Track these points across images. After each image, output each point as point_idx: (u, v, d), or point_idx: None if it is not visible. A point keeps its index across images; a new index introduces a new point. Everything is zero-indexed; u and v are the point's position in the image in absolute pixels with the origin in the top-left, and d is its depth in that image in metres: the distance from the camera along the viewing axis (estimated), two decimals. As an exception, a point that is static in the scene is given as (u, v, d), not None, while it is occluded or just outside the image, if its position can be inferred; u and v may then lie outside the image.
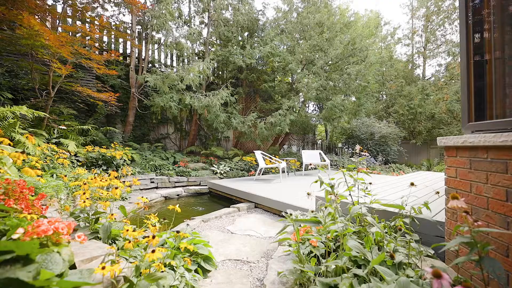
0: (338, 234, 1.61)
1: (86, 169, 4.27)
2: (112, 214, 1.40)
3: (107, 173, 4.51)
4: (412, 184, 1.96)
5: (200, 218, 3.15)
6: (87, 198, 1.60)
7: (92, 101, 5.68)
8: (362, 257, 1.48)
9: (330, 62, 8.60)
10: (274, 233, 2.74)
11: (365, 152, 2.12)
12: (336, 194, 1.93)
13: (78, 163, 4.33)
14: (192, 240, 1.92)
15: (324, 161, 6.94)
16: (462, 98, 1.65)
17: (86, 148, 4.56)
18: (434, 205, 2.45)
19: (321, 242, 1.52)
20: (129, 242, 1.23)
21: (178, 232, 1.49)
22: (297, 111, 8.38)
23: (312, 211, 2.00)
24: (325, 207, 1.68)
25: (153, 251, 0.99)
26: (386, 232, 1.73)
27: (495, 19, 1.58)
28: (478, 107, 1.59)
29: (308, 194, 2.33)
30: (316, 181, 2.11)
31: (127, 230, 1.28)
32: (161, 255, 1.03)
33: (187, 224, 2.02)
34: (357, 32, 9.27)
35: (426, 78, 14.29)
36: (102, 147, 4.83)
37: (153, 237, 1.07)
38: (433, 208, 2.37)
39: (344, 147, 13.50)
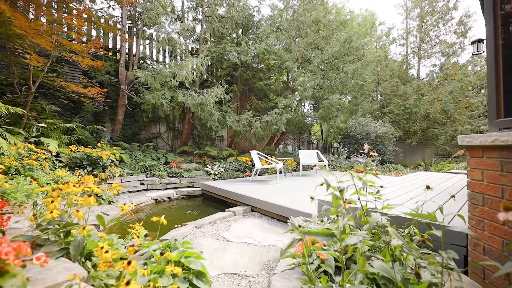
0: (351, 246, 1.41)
1: (69, 170, 3.97)
2: (83, 228, 1.15)
3: (93, 174, 4.21)
4: (428, 187, 1.78)
5: (193, 224, 2.90)
6: (59, 207, 1.35)
7: (78, 98, 5.34)
8: (380, 274, 1.29)
9: (326, 61, 8.45)
10: (273, 240, 2.53)
11: (373, 152, 1.92)
12: (346, 200, 1.73)
13: (60, 164, 4.01)
14: (182, 253, 1.68)
15: (322, 161, 6.77)
16: (489, 92, 1.47)
17: (69, 148, 4.24)
18: (446, 209, 2.28)
19: (333, 256, 1.31)
20: (104, 263, 1.00)
21: (162, 254, 1.26)
22: (293, 110, 8.20)
23: (322, 221, 1.79)
24: (337, 215, 1.47)
25: (127, 283, 0.76)
26: (406, 242, 1.53)
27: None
28: (509, 101, 1.42)
29: (312, 198, 2.13)
30: (321, 184, 1.92)
31: (102, 248, 1.04)
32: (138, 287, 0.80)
33: (175, 240, 1.78)
34: (353, 30, 9.15)
35: (420, 78, 14.35)
36: (87, 147, 4.52)
37: (129, 263, 0.84)
38: (446, 213, 2.20)
39: (340, 147, 13.42)
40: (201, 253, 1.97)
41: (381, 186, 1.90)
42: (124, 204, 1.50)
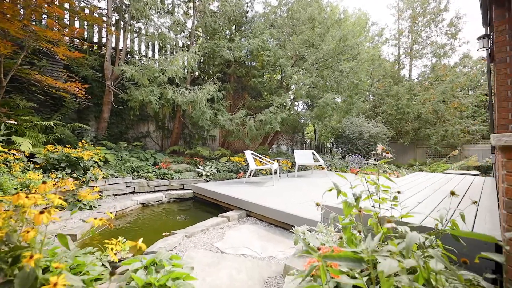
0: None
1: (45, 173, 3.59)
2: (30, 258, 0.86)
3: (72, 177, 3.85)
4: (452, 193, 1.57)
5: (183, 232, 2.62)
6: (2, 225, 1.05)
7: (56, 93, 4.90)
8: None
9: (321, 59, 8.27)
10: (272, 251, 2.28)
11: (387, 152, 1.70)
12: (361, 209, 1.50)
13: (35, 166, 3.63)
14: (169, 274, 1.41)
15: (318, 161, 6.58)
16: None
17: (46, 148, 3.85)
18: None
19: (361, 286, 1.07)
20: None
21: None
22: (287, 109, 7.99)
23: (341, 238, 1.55)
24: (359, 232, 1.23)
25: None
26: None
27: None
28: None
29: (318, 204, 1.90)
30: (330, 189, 1.69)
31: (54, 285, 0.76)
32: None
33: (155, 269, 1.51)
34: (348, 29, 9.03)
35: (412, 78, 14.45)
36: (67, 147, 4.13)
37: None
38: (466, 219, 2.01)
39: (333, 147, 13.33)
40: (191, 270, 1.70)
41: (398, 192, 1.68)
42: (95, 219, 1.21)
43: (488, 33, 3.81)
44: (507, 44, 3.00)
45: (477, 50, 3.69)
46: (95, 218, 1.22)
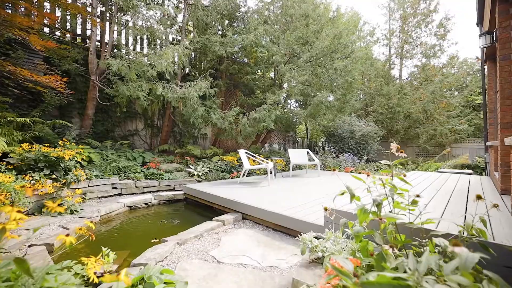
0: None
1: (19, 174, 3.25)
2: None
3: (51, 178, 3.52)
4: (479, 197, 1.43)
5: (175, 240, 2.38)
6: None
7: (33, 86, 4.48)
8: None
9: (314, 57, 8.14)
10: (274, 259, 2.09)
11: (401, 152, 1.55)
12: (382, 217, 1.33)
13: (9, 167, 3.28)
14: (161, 297, 1.19)
15: (313, 160, 6.46)
16: None
17: (21, 147, 3.49)
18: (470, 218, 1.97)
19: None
20: None
21: None
22: (281, 107, 7.82)
23: (369, 253, 1.37)
24: (392, 248, 1.06)
25: None
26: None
27: None
28: None
29: (326, 209, 1.74)
30: (342, 193, 1.53)
31: None
32: None
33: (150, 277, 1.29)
34: (342, 27, 8.96)
35: (402, 78, 14.62)
36: (45, 145, 3.78)
37: None
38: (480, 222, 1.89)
39: (325, 146, 13.30)
40: (186, 286, 1.49)
41: (418, 195, 1.52)
42: (67, 235, 0.98)
43: (484, 32, 3.74)
44: (511, 40, 2.93)
45: (479, 47, 3.64)
46: (67, 235, 0.98)
